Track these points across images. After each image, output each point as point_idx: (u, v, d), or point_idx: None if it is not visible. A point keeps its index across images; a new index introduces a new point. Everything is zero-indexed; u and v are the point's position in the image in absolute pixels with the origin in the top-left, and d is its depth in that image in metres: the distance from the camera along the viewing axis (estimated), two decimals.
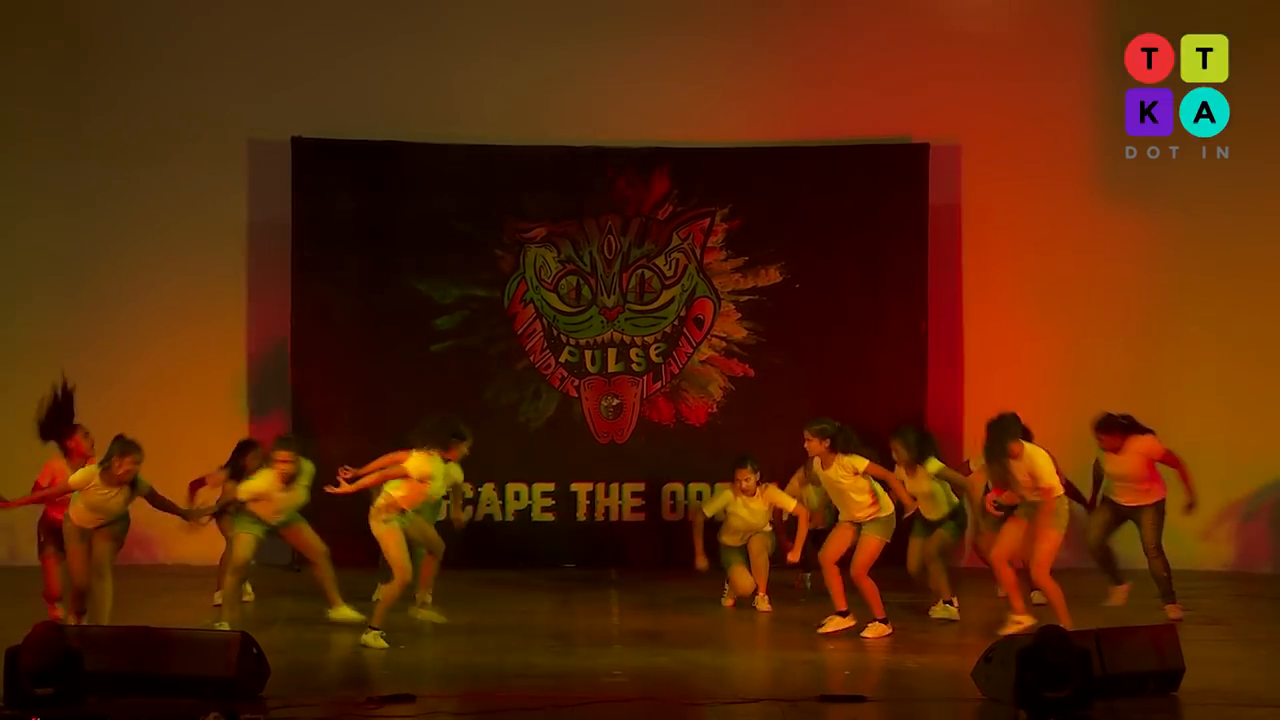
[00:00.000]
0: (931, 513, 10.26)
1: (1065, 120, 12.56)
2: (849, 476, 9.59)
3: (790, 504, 10.45)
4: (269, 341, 12.61)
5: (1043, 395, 12.26)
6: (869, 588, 9.70)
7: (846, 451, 9.62)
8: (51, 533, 9.97)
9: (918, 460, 10.17)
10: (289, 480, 9.65)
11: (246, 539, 9.76)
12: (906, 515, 9.90)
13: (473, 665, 9.08)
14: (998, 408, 11.46)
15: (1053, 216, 12.69)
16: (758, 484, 10.51)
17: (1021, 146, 12.65)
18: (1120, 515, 10.49)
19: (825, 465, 9.66)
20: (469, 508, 12.06)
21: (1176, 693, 7.99)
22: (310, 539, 9.89)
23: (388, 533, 9.44)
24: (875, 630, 9.67)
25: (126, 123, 12.72)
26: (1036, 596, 9.92)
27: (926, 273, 12.59)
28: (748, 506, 10.52)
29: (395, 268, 12.64)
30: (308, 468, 9.76)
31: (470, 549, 11.11)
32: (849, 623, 9.72)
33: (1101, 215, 12.57)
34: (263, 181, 12.70)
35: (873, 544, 9.69)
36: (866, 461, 9.63)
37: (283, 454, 9.66)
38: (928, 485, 10.15)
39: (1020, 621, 9.48)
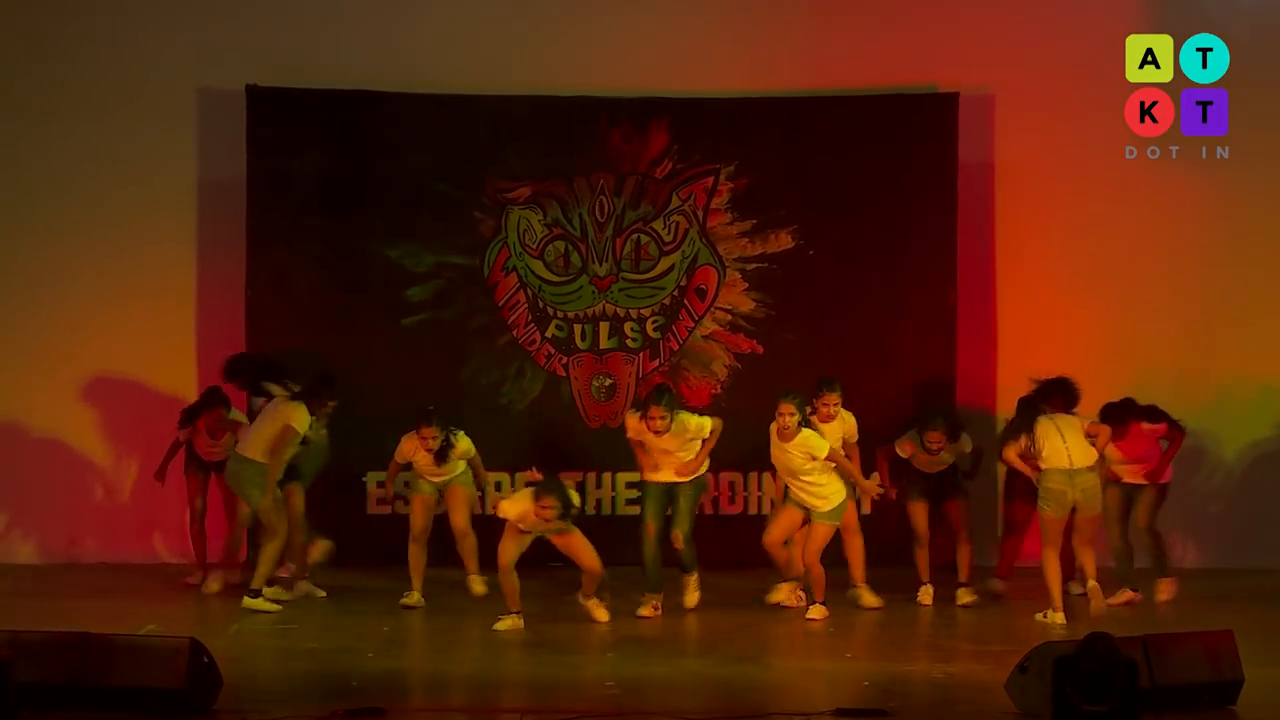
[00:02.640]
0: None
1: (1109, 67, 12.50)
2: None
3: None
4: (221, 314, 12.56)
5: (1085, 372, 12.22)
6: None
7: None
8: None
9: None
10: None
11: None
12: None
13: (449, 675, 9.09)
14: (1034, 386, 11.55)
15: (1096, 174, 12.67)
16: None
17: (1061, 96, 12.61)
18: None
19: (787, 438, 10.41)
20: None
21: (1234, 707, 8.00)
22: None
23: None
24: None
25: (61, 71, 12.66)
26: (1074, 587, 10.78)
27: (956, 237, 12.56)
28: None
29: (362, 232, 12.61)
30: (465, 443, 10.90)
31: (445, 545, 11.10)
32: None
33: (1151, 172, 12.52)
34: (214, 136, 12.66)
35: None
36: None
37: (427, 430, 10.76)
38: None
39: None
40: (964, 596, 11.07)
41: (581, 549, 10.19)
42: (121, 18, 12.70)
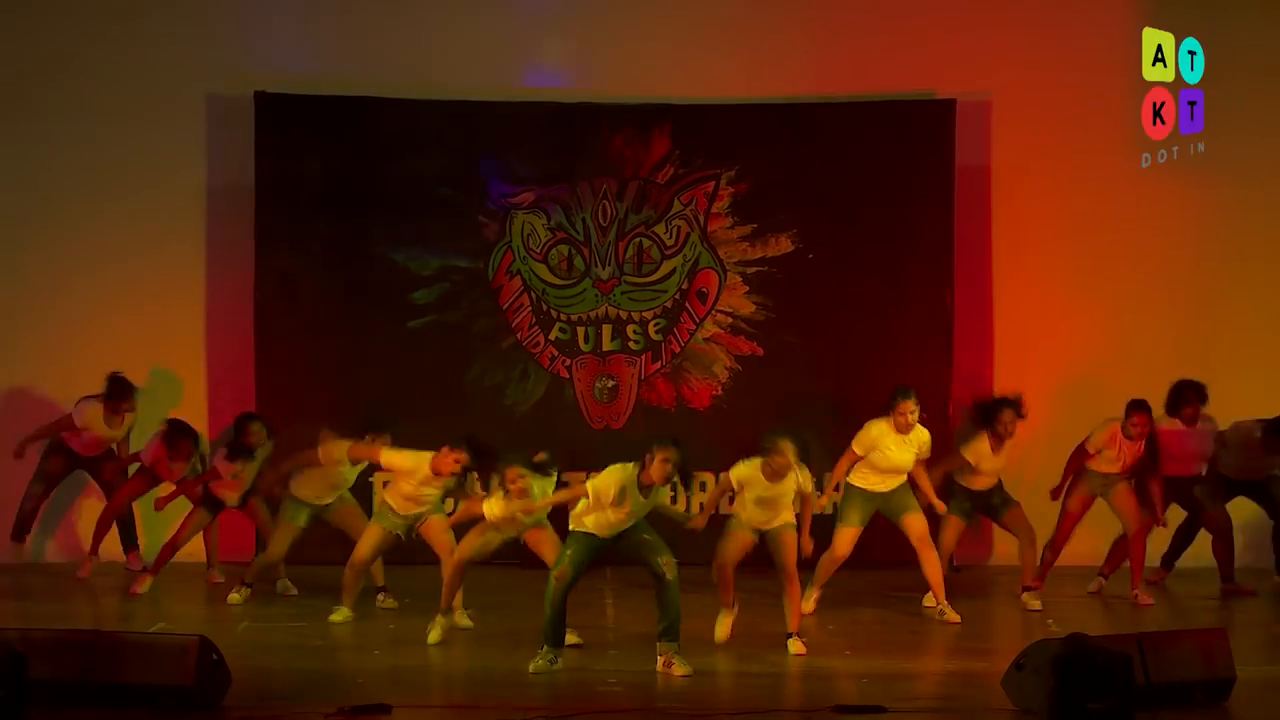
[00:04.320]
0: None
1: (1107, 73, 12.52)
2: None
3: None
4: (230, 317, 12.57)
5: (1079, 375, 12.26)
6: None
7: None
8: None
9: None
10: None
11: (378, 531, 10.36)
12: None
13: (454, 673, 9.08)
14: (1030, 388, 11.55)
15: (1092, 179, 12.66)
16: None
17: (1058, 102, 12.61)
18: None
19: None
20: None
21: (1227, 703, 7.99)
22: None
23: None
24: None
25: (72, 78, 12.66)
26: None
27: (953, 241, 12.55)
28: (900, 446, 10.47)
29: (369, 236, 12.60)
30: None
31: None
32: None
33: (1147, 178, 12.52)
34: (223, 141, 12.66)
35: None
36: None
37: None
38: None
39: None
40: (1031, 601, 10.80)
41: (551, 546, 9.68)
42: (133, 27, 12.69)
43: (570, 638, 9.52)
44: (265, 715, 7.70)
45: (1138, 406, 10.96)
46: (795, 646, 9.36)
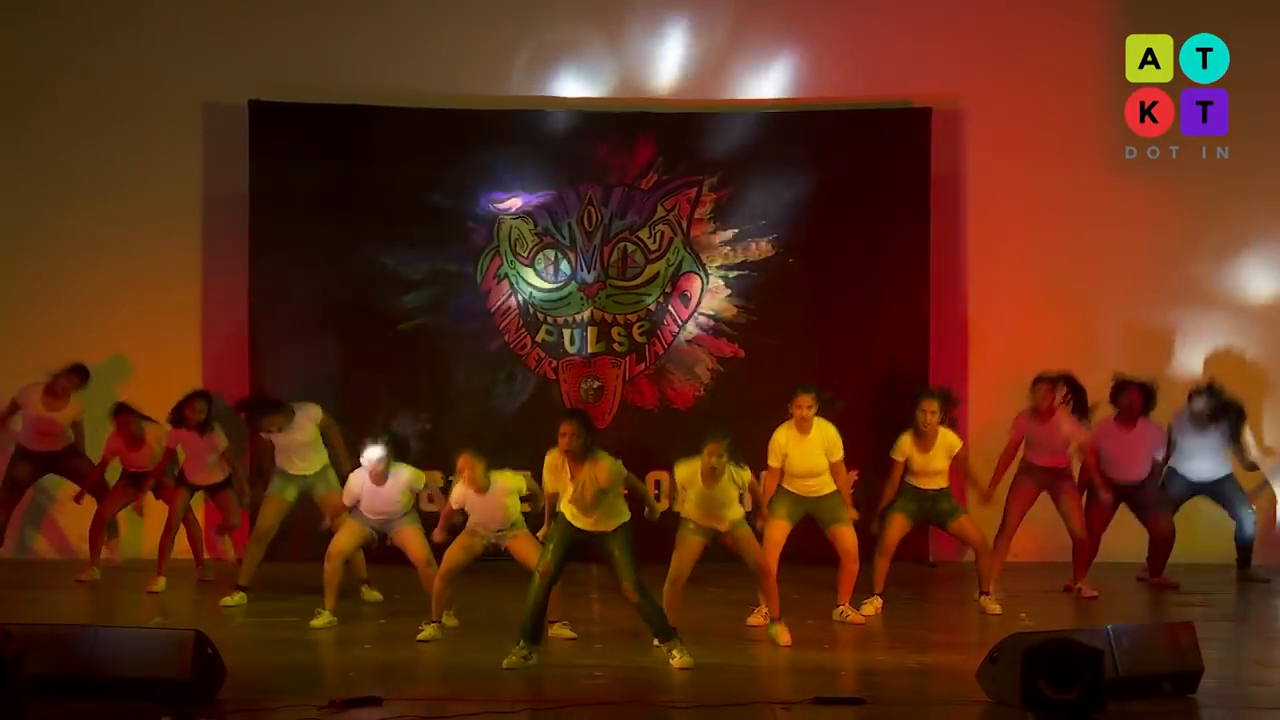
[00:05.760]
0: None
1: (1078, 82, 12.55)
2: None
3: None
4: (225, 320, 12.57)
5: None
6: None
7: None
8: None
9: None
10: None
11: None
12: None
13: (443, 666, 9.07)
14: (1004, 392, 11.56)
15: (1063, 187, 12.69)
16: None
17: (1030, 111, 12.65)
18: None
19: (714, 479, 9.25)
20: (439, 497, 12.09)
21: (1195, 695, 8.00)
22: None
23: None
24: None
25: (72, 86, 12.69)
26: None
27: (928, 246, 12.58)
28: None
29: (360, 241, 12.60)
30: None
31: (440, 543, 11.08)
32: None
33: (1116, 185, 12.56)
34: (218, 148, 12.67)
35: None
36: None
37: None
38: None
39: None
40: (990, 605, 10.43)
41: (531, 551, 9.52)
42: (131, 37, 12.72)
43: (564, 631, 9.59)
44: (259, 708, 7.68)
45: (1038, 379, 10.90)
46: (782, 636, 9.40)
